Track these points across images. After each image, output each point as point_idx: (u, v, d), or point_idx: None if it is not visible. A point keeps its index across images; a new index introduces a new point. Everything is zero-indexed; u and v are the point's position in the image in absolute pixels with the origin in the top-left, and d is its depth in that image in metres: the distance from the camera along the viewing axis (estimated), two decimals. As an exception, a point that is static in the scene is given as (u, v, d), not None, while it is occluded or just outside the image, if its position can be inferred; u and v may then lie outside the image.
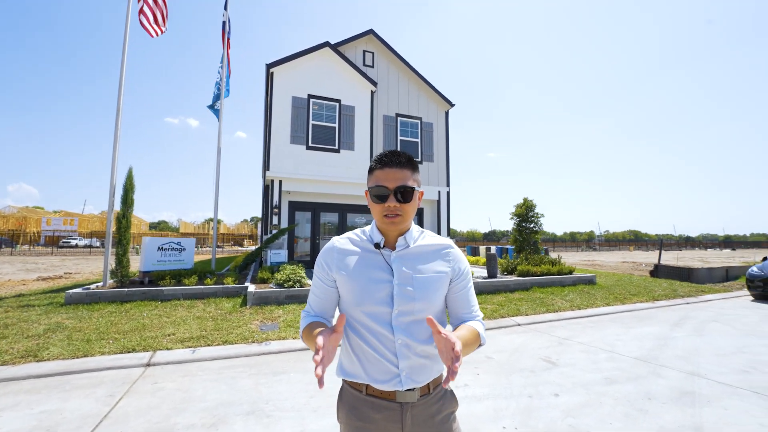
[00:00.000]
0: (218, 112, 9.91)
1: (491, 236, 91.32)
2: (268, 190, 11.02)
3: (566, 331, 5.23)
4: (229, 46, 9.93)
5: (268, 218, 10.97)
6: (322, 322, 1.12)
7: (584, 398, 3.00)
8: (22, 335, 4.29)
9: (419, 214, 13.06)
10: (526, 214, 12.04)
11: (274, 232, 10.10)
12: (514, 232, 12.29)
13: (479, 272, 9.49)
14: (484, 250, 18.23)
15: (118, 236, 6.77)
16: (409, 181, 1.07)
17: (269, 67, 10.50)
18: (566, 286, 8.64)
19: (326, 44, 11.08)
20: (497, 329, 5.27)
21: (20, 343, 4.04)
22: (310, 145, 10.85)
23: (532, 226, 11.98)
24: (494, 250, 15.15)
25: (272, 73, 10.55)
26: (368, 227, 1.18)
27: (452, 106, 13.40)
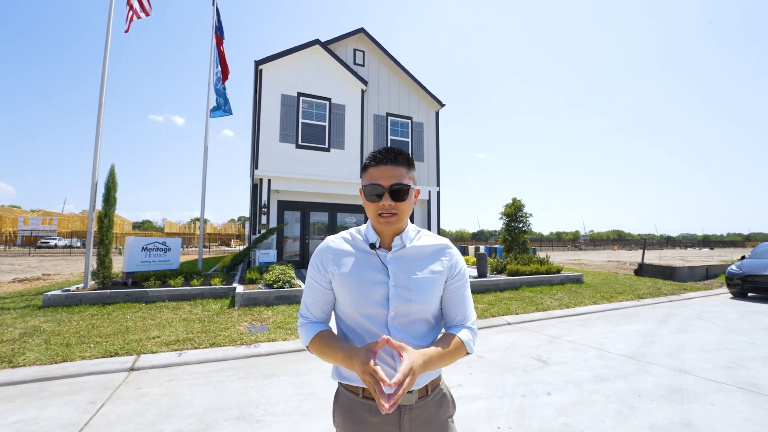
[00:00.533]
0: (222, 113, 9.81)
1: (479, 236, 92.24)
2: (256, 189, 10.84)
3: (556, 329, 5.28)
4: (220, 42, 9.71)
5: (256, 218, 10.79)
6: (331, 331, 1.10)
7: (576, 396, 3.02)
8: (-4, 340, 4.09)
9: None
10: (515, 214, 12.18)
11: (262, 231, 9.94)
12: (503, 231, 12.41)
13: (469, 271, 9.54)
14: (473, 249, 18.38)
15: (99, 236, 6.54)
16: (404, 178, 1.04)
17: (258, 64, 10.33)
18: (555, 285, 8.76)
19: (316, 42, 10.96)
20: (488, 328, 5.29)
21: (-6, 348, 3.85)
22: (299, 143, 10.72)
23: (521, 225, 12.13)
24: (483, 249, 15.29)
25: (261, 70, 10.38)
26: (363, 226, 1.15)
27: (442, 106, 13.44)
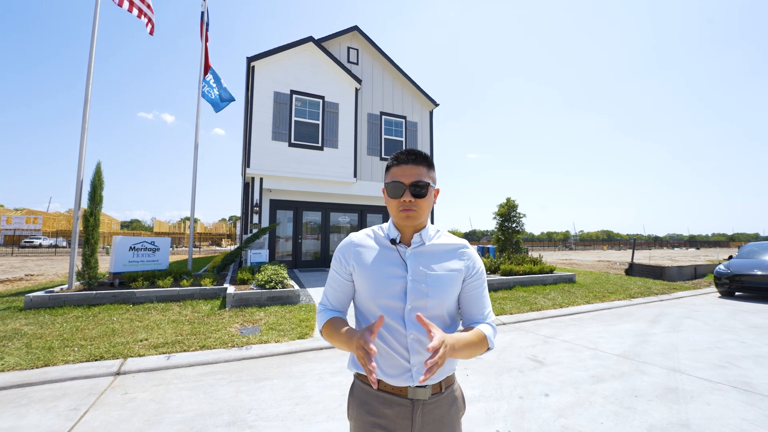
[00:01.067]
0: (220, 104, 9.73)
1: (471, 236, 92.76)
2: (248, 187, 10.67)
3: (550, 329, 5.28)
4: (207, 38, 9.52)
5: (248, 217, 10.63)
6: (342, 318, 1.15)
7: (574, 398, 2.99)
8: (-27, 344, 3.91)
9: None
10: (508, 213, 12.22)
11: (254, 231, 9.79)
12: (496, 231, 12.45)
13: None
14: (466, 249, 18.38)
15: (85, 235, 6.33)
16: (424, 177, 1.10)
17: (250, 60, 10.16)
18: (548, 284, 8.80)
19: (310, 39, 10.83)
20: (483, 329, 5.26)
21: (-29, 352, 3.68)
22: (292, 142, 10.58)
23: (514, 225, 12.18)
24: (476, 249, 15.33)
25: (253, 67, 10.21)
26: (385, 224, 1.22)
27: (436, 105, 13.42)
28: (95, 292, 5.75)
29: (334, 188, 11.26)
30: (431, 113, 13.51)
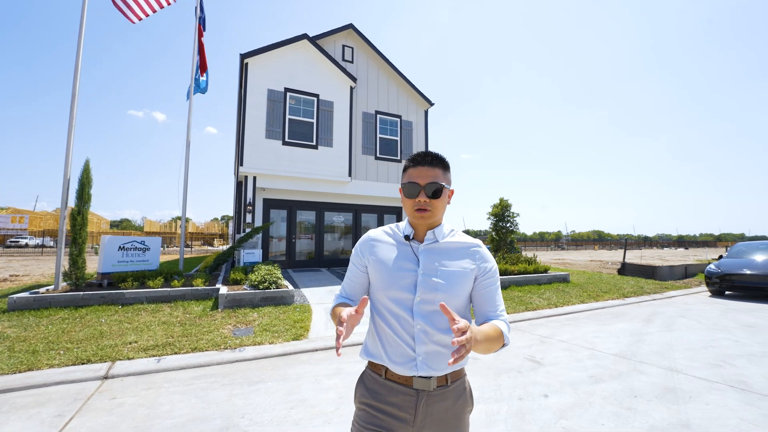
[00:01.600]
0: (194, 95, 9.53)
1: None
2: (241, 186, 10.51)
3: (547, 329, 5.27)
4: (201, 33, 9.36)
5: (241, 216, 10.47)
6: (349, 303, 1.23)
7: (573, 398, 2.96)
8: (-47, 347, 3.75)
9: (397, 211, 12.96)
10: (502, 213, 12.24)
11: (247, 230, 9.65)
12: (491, 231, 12.47)
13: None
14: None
15: (72, 234, 6.15)
16: (439, 179, 1.15)
17: (243, 57, 10.01)
18: (542, 284, 8.82)
19: (304, 36, 10.71)
20: (480, 329, 5.23)
21: (-50, 356, 3.52)
22: (286, 140, 10.46)
23: (508, 225, 12.20)
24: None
25: (246, 64, 10.05)
26: (402, 222, 1.27)
27: (431, 105, 13.39)
28: (83, 293, 5.58)
29: (328, 187, 11.15)
30: (426, 113, 13.47)
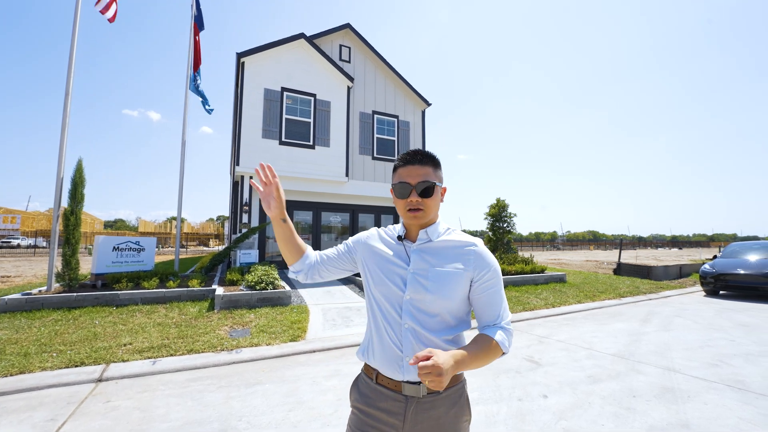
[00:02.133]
0: (210, 109, 9.60)
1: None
2: (237, 186, 10.44)
3: (544, 329, 5.28)
4: (197, 31, 9.27)
5: (237, 216, 10.40)
6: (303, 241, 1.29)
7: (573, 399, 2.96)
8: (-58, 350, 3.67)
9: (394, 211, 12.94)
10: (499, 214, 12.27)
11: (244, 231, 9.58)
12: (487, 231, 12.49)
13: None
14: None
15: (65, 235, 6.06)
16: (430, 177, 1.12)
17: (240, 56, 9.94)
18: (539, 284, 8.84)
19: (301, 36, 10.66)
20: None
21: (-61, 359, 3.45)
22: (283, 140, 10.40)
23: (505, 225, 12.22)
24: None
25: (243, 63, 9.99)
26: (398, 225, 1.26)
27: (429, 105, 13.39)
28: (76, 294, 5.50)
29: (325, 187, 11.11)
30: (423, 113, 13.47)
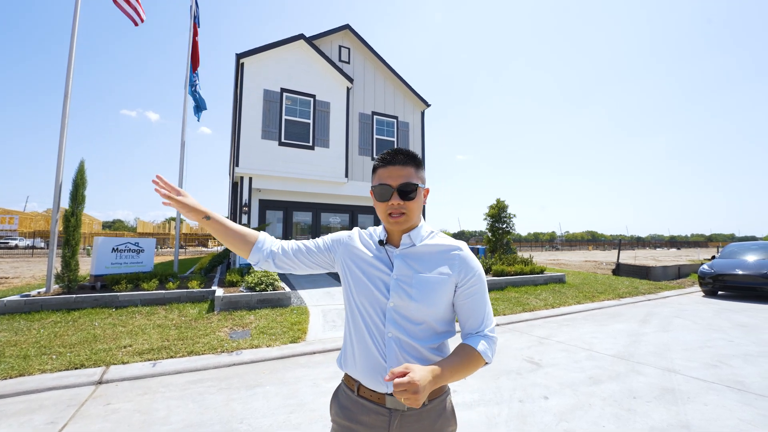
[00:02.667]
0: (198, 113, 9.62)
1: (460, 237, 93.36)
2: (236, 187, 10.44)
3: (544, 330, 5.29)
4: (196, 32, 9.27)
5: (236, 217, 10.39)
6: (251, 230, 1.19)
7: (573, 400, 2.96)
8: (-59, 352, 3.66)
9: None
10: (498, 214, 12.28)
11: (243, 231, 9.55)
12: (487, 232, 12.50)
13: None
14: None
15: (65, 236, 6.05)
16: (412, 178, 1.06)
17: (239, 57, 9.93)
18: (539, 285, 8.85)
19: (301, 36, 10.66)
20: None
21: (-62, 362, 3.44)
22: (282, 141, 10.39)
23: (504, 226, 12.23)
24: (467, 250, 15.36)
25: (242, 63, 9.98)
26: (379, 227, 1.19)
27: (428, 106, 13.40)
28: (75, 295, 5.49)
29: (325, 188, 11.10)
30: (423, 114, 13.48)
